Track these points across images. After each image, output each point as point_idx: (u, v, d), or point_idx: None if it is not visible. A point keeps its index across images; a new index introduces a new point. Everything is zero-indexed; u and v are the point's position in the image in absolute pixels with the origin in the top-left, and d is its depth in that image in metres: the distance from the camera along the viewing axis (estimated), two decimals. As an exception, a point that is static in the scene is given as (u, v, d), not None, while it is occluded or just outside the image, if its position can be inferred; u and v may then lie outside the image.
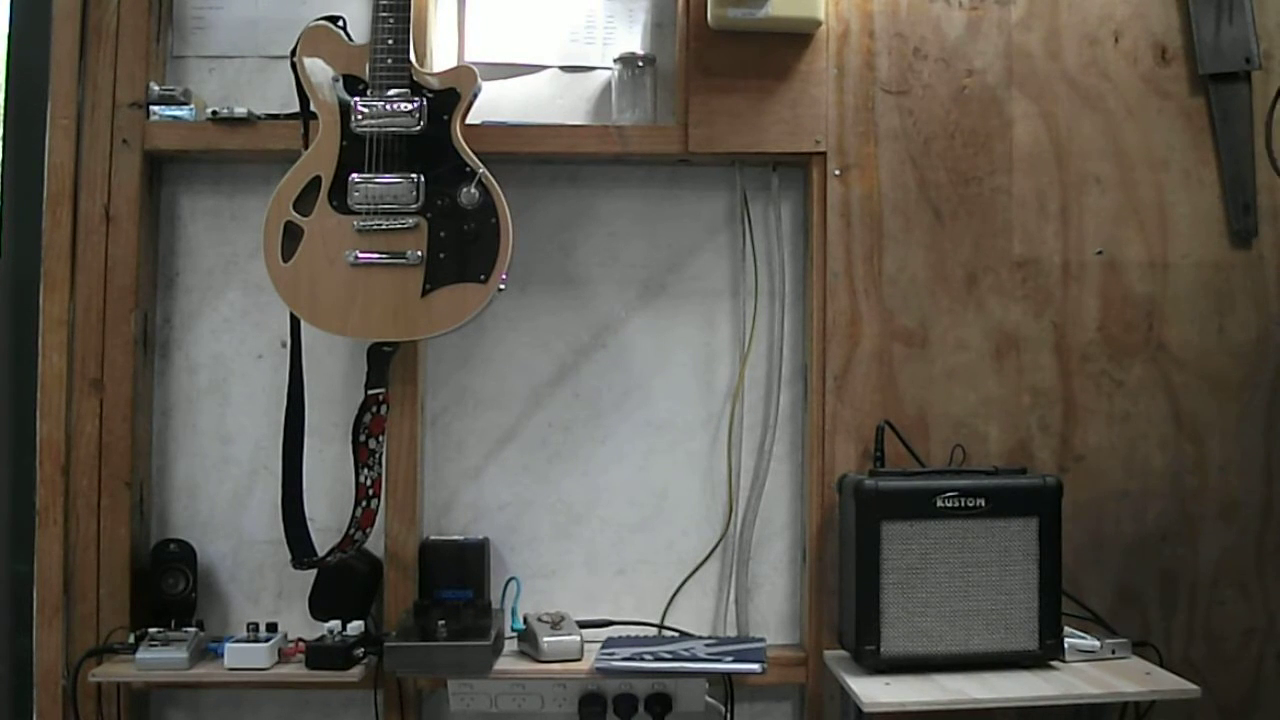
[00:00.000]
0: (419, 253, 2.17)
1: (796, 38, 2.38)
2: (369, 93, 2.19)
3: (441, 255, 2.17)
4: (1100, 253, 2.44)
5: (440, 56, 2.43)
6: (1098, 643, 2.21)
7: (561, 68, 2.48)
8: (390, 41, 2.19)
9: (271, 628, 2.24)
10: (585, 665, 2.21)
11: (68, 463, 2.32)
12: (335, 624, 2.23)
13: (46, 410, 2.32)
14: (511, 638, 2.34)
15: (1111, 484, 2.43)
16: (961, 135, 2.42)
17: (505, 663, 2.24)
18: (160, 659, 2.17)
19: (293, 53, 2.23)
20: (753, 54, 2.37)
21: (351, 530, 2.25)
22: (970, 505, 2.14)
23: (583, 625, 2.33)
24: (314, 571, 2.30)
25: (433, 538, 2.39)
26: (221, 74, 2.45)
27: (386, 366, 2.31)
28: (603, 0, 2.47)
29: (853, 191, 2.40)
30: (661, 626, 2.43)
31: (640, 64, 2.40)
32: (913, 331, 2.41)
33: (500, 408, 2.45)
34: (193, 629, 2.26)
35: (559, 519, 2.45)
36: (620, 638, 2.36)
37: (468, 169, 2.19)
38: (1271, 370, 2.46)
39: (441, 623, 2.17)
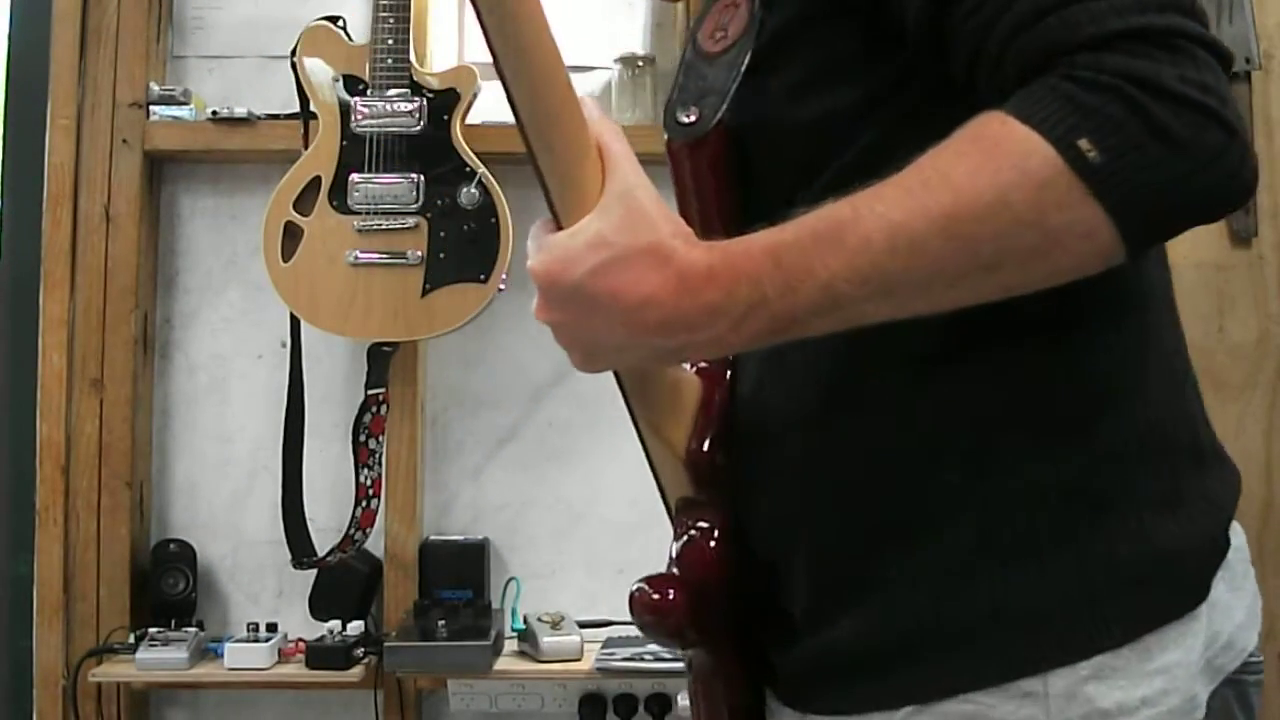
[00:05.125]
0: (419, 253, 2.17)
1: (796, 38, 2.38)
2: (369, 93, 2.19)
3: (441, 255, 2.17)
4: (1100, 253, 2.43)
5: (440, 56, 2.42)
6: (1098, 643, 2.20)
7: (561, 68, 2.47)
8: (390, 41, 2.19)
9: (271, 628, 2.24)
10: (585, 665, 2.21)
11: (68, 463, 2.32)
12: (335, 624, 2.23)
13: (46, 410, 2.32)
14: (511, 638, 2.34)
15: (1111, 484, 2.42)
16: (961, 135, 2.42)
17: (505, 663, 2.23)
18: (160, 659, 2.17)
19: (293, 53, 2.23)
20: (753, 54, 2.37)
21: (351, 530, 2.24)
22: (970, 505, 2.14)
23: (583, 625, 2.32)
24: (314, 571, 2.30)
25: (433, 538, 2.38)
26: (221, 74, 2.44)
27: (386, 366, 2.30)
28: (603, 0, 2.47)
29: (853, 191, 2.40)
30: (661, 626, 2.43)
31: (640, 64, 2.40)
32: (913, 331, 2.40)
33: (500, 408, 2.45)
34: (193, 629, 2.25)
35: (559, 519, 2.45)
36: (620, 638, 2.35)
37: (468, 169, 2.19)
38: (1271, 370, 2.46)
39: (441, 623, 2.17)
